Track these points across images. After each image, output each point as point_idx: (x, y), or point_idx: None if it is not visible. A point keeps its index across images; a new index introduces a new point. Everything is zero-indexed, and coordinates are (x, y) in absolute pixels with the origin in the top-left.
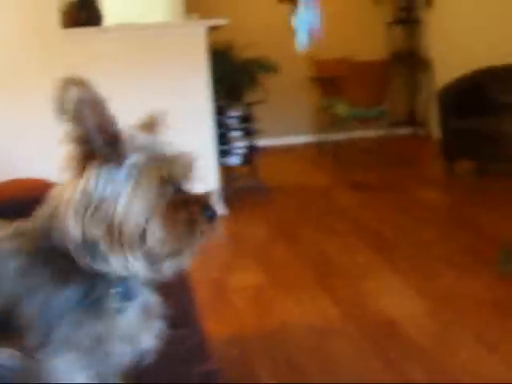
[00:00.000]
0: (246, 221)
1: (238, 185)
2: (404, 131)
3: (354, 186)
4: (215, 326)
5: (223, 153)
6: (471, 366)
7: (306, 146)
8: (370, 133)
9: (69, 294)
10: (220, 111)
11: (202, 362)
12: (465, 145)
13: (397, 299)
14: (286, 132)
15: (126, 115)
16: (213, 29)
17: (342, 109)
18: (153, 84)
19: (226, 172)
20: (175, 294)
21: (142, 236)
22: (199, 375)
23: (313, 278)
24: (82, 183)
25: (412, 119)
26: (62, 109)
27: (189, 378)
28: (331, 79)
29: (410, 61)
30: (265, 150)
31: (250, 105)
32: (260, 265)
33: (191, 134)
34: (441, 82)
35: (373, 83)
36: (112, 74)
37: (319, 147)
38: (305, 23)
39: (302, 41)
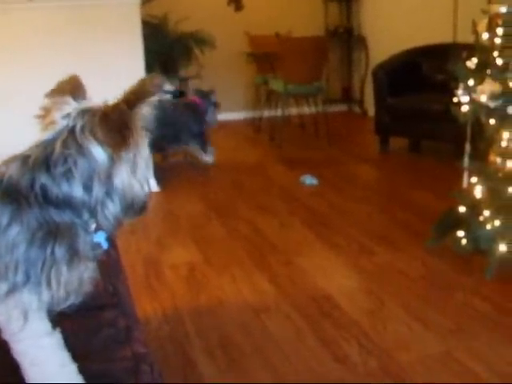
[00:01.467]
0: (181, 197)
1: (173, 161)
2: (339, 108)
3: (289, 163)
4: (148, 304)
5: None
6: (403, 340)
7: (242, 122)
8: (306, 110)
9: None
10: None
11: (129, 345)
12: (398, 122)
13: (332, 276)
14: (222, 108)
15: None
16: (146, 1)
17: (277, 85)
18: (84, 58)
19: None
20: (106, 275)
21: None
22: (126, 358)
23: (248, 255)
24: None
25: (347, 96)
26: None
27: (116, 361)
28: (267, 55)
29: (345, 38)
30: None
31: (185, 80)
32: (194, 242)
33: None
34: (375, 59)
35: (309, 60)
36: (38, 49)
37: (255, 124)
38: None
39: None
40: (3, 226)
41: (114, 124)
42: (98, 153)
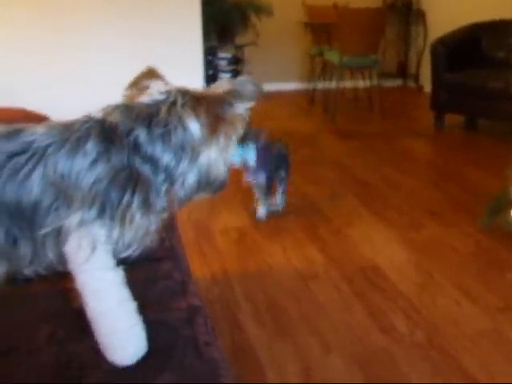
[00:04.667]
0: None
1: None
2: (394, 83)
3: (343, 135)
4: (198, 267)
5: None
6: (451, 315)
7: (296, 93)
8: (360, 83)
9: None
10: (211, 52)
11: (185, 297)
12: (455, 98)
13: (381, 247)
14: (275, 77)
15: (115, 58)
16: None
17: (332, 56)
18: (142, 24)
19: None
20: (163, 230)
21: None
22: (182, 309)
23: (297, 223)
24: None
25: (403, 71)
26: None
27: (172, 311)
28: (324, 26)
29: (404, 11)
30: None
31: (240, 47)
32: (245, 208)
33: (181, 73)
34: (434, 34)
35: (366, 32)
36: (97, 15)
37: (309, 95)
38: None
39: None
40: (91, 161)
41: (214, 110)
42: (195, 129)
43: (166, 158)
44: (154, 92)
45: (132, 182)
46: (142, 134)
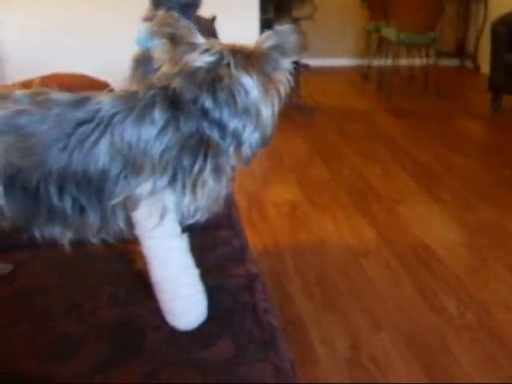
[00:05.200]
0: (285, 137)
1: None
2: (451, 62)
3: (397, 113)
4: (249, 237)
5: None
6: (503, 299)
7: (350, 69)
8: (417, 61)
9: None
10: (267, 25)
11: (243, 264)
12: None
13: (433, 227)
14: (330, 53)
15: None
16: None
17: (389, 33)
18: None
19: None
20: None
21: None
22: (241, 275)
23: (350, 199)
24: None
25: (460, 50)
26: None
27: (231, 277)
28: (381, 1)
29: None
30: (308, 68)
31: (297, 20)
32: (297, 182)
33: None
34: (494, 13)
35: (424, 9)
36: None
37: (363, 71)
38: None
39: None
40: (159, 129)
41: (263, 69)
42: (254, 90)
43: (233, 122)
44: (202, 51)
45: (203, 148)
46: (207, 101)
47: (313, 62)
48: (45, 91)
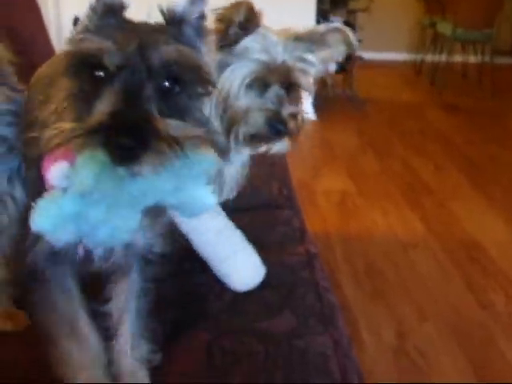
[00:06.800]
0: (337, 129)
1: (332, 92)
2: (507, 60)
3: (449, 109)
4: None
5: None
6: None
7: (403, 63)
8: (472, 58)
9: None
10: (323, 15)
11: (303, 243)
12: None
13: (484, 224)
14: (384, 46)
15: None
16: None
17: (445, 28)
18: None
19: (321, 78)
20: (281, 180)
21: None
22: (301, 254)
23: (400, 192)
24: None
25: None
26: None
27: (292, 255)
28: None
29: None
30: (362, 61)
31: (353, 12)
32: (348, 172)
33: None
34: None
35: (483, 4)
36: None
37: (416, 66)
38: None
39: None
40: None
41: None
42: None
43: None
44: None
45: None
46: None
47: (367, 55)
48: None
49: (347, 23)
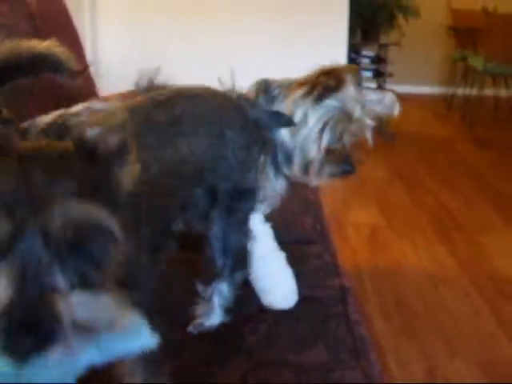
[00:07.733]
0: (366, 161)
1: None
2: None
3: (480, 143)
4: None
5: None
6: None
7: (433, 97)
8: (503, 92)
9: None
10: (354, 49)
11: (337, 277)
12: None
13: None
14: (415, 80)
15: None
16: None
17: (476, 62)
18: (286, 16)
19: None
20: (314, 215)
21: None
22: (334, 288)
23: (429, 225)
24: None
25: None
26: None
27: (324, 289)
28: (469, 30)
29: None
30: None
31: (384, 46)
32: (378, 205)
33: None
34: None
35: None
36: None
37: (447, 100)
38: None
39: None
40: None
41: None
42: None
43: None
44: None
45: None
46: None
47: (398, 89)
48: None
49: (378, 57)
